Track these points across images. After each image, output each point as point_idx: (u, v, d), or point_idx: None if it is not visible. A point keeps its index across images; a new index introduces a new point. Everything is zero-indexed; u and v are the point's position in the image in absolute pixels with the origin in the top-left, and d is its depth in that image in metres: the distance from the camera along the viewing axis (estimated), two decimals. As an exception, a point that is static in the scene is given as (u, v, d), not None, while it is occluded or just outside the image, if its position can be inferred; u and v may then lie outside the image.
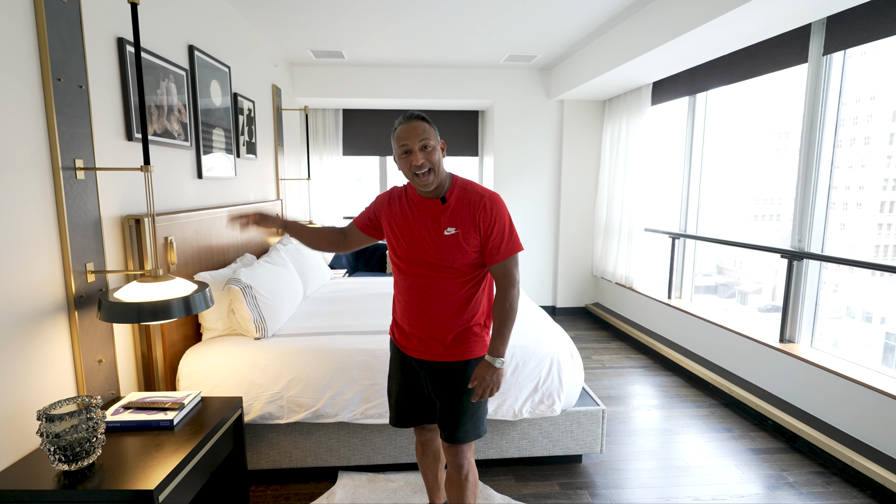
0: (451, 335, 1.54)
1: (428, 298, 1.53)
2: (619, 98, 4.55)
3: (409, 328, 1.59)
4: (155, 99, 2.12)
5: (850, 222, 2.95)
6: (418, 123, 1.45)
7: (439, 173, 1.47)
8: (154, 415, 1.60)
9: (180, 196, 2.36)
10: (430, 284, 1.52)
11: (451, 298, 1.52)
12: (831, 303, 2.99)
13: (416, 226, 1.51)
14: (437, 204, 1.50)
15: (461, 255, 1.48)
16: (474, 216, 1.47)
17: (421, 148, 1.43)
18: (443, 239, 1.47)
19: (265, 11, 3.20)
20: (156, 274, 1.60)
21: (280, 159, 4.06)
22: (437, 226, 1.49)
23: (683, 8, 2.76)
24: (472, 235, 1.48)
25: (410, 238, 1.52)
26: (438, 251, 1.48)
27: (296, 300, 2.73)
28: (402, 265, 1.56)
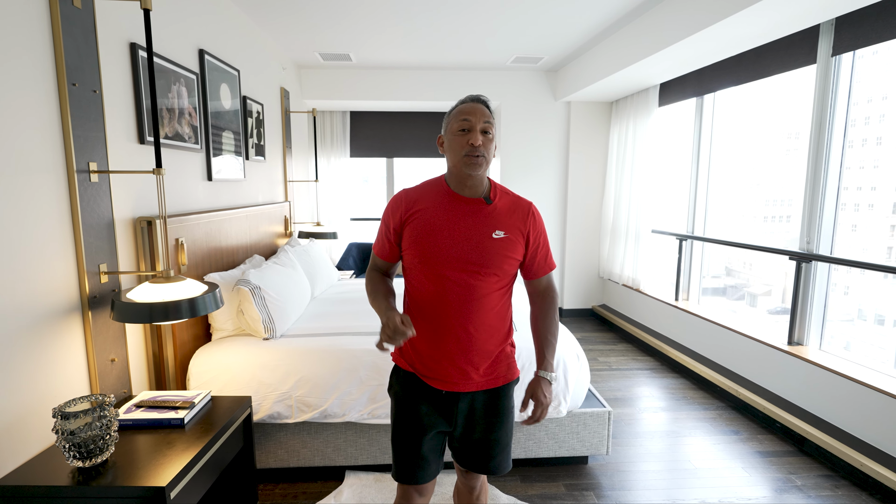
0: (493, 355, 1.37)
1: (469, 311, 1.31)
2: (627, 99, 4.55)
3: (441, 352, 1.33)
4: (166, 102, 2.15)
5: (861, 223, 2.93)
6: (484, 107, 1.32)
7: (488, 165, 1.33)
8: (165, 413, 1.63)
9: (190, 198, 2.40)
10: (471, 294, 1.31)
11: (494, 310, 1.35)
12: (842, 305, 2.96)
13: (457, 224, 1.32)
14: (482, 203, 1.35)
15: (507, 260, 1.33)
16: (524, 223, 1.36)
17: (482, 131, 1.29)
18: (491, 242, 1.31)
19: (274, 15, 3.24)
20: (167, 275, 1.63)
21: (288, 161, 4.09)
22: (483, 227, 1.32)
23: (691, 9, 2.75)
24: (518, 242, 1.35)
25: (444, 240, 1.31)
26: (484, 254, 1.30)
27: (304, 301, 2.76)
28: (435, 271, 1.31)
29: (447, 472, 2.24)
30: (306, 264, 3.18)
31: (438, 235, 1.31)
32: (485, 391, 1.38)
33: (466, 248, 1.30)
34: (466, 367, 1.34)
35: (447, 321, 1.32)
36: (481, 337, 1.33)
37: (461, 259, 1.30)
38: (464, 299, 1.31)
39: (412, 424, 1.38)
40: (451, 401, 1.37)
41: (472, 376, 1.35)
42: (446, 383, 1.35)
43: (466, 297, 1.31)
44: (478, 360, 1.35)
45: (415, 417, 1.38)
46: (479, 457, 1.41)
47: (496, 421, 1.40)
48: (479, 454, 1.41)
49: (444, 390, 1.36)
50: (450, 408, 1.37)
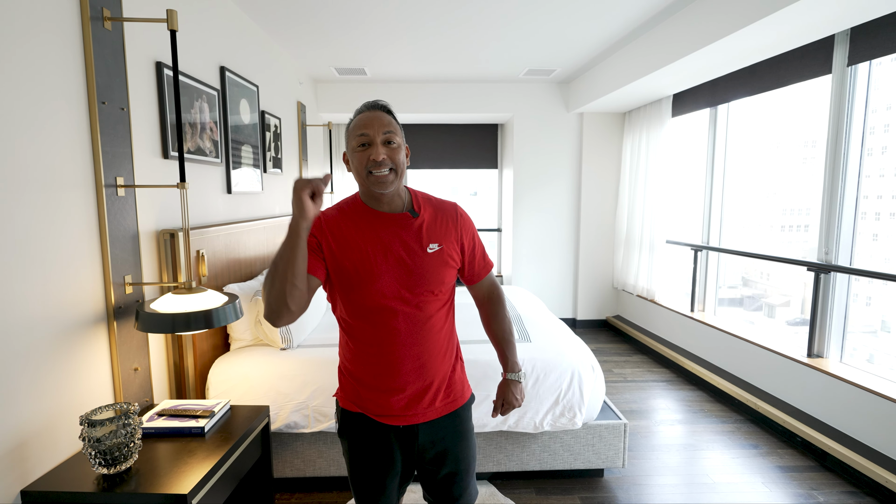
0: (447, 378, 1.28)
1: (417, 338, 1.20)
2: (639, 110, 4.55)
3: (393, 387, 1.21)
4: (189, 118, 2.22)
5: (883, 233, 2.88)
6: (382, 114, 1.18)
7: (401, 176, 1.20)
8: (186, 422, 1.66)
9: (211, 210, 2.46)
10: (416, 319, 1.20)
11: (441, 332, 1.25)
12: (864, 316, 2.91)
13: (389, 245, 1.19)
14: (407, 218, 1.22)
15: (448, 272, 1.23)
16: (455, 228, 1.26)
17: (384, 142, 1.16)
18: (427, 257, 1.20)
19: (292, 32, 3.32)
20: (189, 286, 1.67)
21: (305, 173, 4.16)
22: (415, 243, 1.20)
23: (704, 22, 2.77)
24: (454, 250, 1.26)
25: (384, 262, 1.17)
26: (422, 274, 1.19)
27: (319, 312, 2.79)
28: (373, 302, 1.18)
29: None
30: (322, 275, 3.22)
31: (373, 260, 1.17)
32: (444, 417, 1.27)
33: (403, 271, 1.18)
34: (423, 397, 1.23)
35: (395, 354, 1.20)
36: (434, 363, 1.23)
37: (400, 283, 1.18)
38: (410, 327, 1.20)
39: (372, 469, 1.27)
40: (409, 435, 1.26)
41: (429, 404, 1.24)
42: (403, 417, 1.24)
43: (412, 325, 1.20)
44: (435, 385, 1.24)
45: (373, 461, 1.26)
46: (447, 488, 1.32)
47: (460, 447, 1.30)
48: (446, 485, 1.32)
49: (402, 425, 1.25)
50: (409, 442, 1.26)
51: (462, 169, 5.52)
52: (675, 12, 3.02)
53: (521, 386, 1.37)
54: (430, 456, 1.29)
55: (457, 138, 5.44)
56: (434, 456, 1.29)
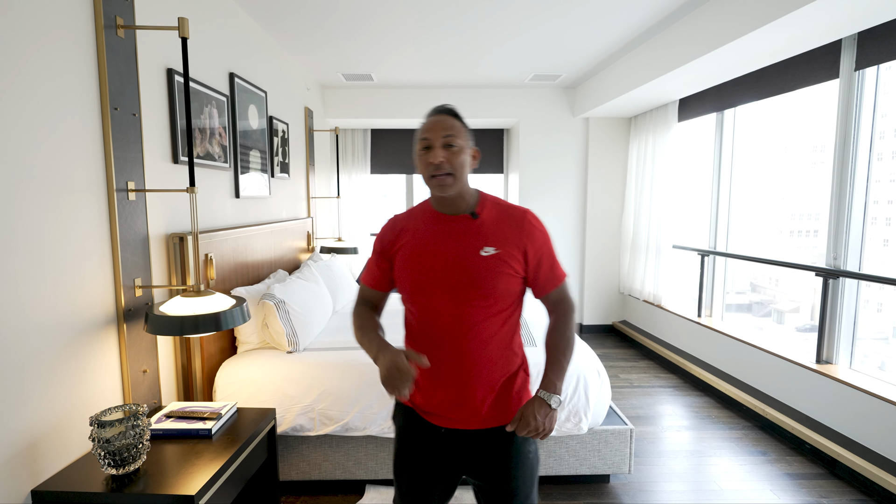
0: (497, 388, 1.21)
1: (464, 340, 1.18)
2: (645, 115, 4.55)
3: (436, 387, 1.22)
4: (198, 123, 2.25)
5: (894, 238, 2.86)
6: (446, 118, 1.20)
7: (461, 179, 1.19)
8: (194, 424, 1.68)
9: (219, 214, 2.48)
10: (464, 322, 1.17)
11: (494, 338, 1.19)
12: (875, 323, 2.88)
13: (438, 248, 1.20)
14: (467, 219, 1.22)
15: (503, 279, 1.17)
16: (518, 235, 1.20)
17: (444, 145, 1.17)
18: (479, 260, 1.17)
19: (300, 38, 3.36)
20: (197, 289, 1.69)
21: (311, 178, 4.20)
22: (469, 245, 1.19)
23: (710, 26, 2.77)
24: (515, 258, 1.19)
25: (431, 265, 1.20)
26: (473, 276, 1.17)
27: (326, 315, 2.81)
28: (423, 299, 1.21)
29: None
30: (328, 279, 3.24)
31: (425, 260, 1.21)
32: (491, 430, 1.22)
33: (453, 272, 1.17)
34: (465, 403, 1.20)
35: (441, 353, 1.19)
36: (481, 369, 1.19)
37: (449, 284, 1.17)
38: (457, 328, 1.18)
39: (411, 462, 1.28)
40: (452, 440, 1.23)
41: (473, 413, 1.20)
42: (446, 420, 1.22)
43: (459, 326, 1.18)
44: (480, 395, 1.20)
45: (414, 455, 1.27)
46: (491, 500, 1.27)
47: (510, 465, 1.23)
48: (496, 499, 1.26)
49: (444, 427, 1.23)
50: (452, 447, 1.24)
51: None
52: (681, 17, 3.02)
53: (548, 410, 1.14)
54: (477, 469, 1.25)
55: (463, 143, 5.45)
56: (480, 470, 1.24)
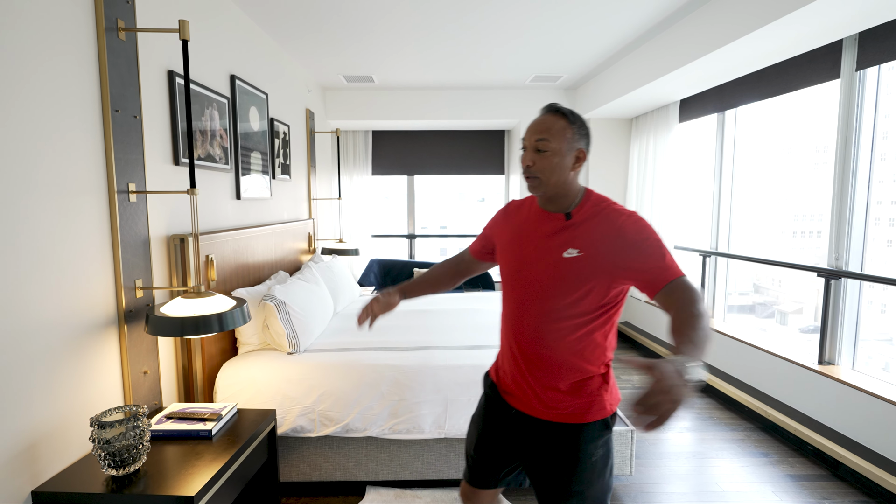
0: (562, 388, 1.23)
1: (530, 335, 1.24)
2: (646, 116, 4.55)
3: (511, 370, 1.31)
4: (199, 125, 2.26)
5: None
6: (547, 118, 1.21)
7: (550, 183, 1.21)
8: (194, 425, 1.68)
9: (220, 216, 2.49)
10: (535, 317, 1.23)
11: (566, 338, 1.21)
12: (879, 324, 2.87)
13: (528, 241, 1.26)
14: (560, 220, 1.23)
15: (581, 284, 1.17)
16: (611, 241, 1.15)
17: (535, 149, 1.20)
18: (561, 262, 1.18)
19: (301, 41, 3.37)
20: (198, 290, 1.70)
21: (312, 180, 4.21)
22: (556, 245, 1.21)
23: (712, 25, 2.77)
24: (600, 263, 1.15)
25: (519, 255, 1.27)
26: (551, 276, 1.19)
27: (326, 316, 2.81)
28: (506, 289, 1.31)
29: (467, 490, 2.23)
30: (329, 280, 3.25)
31: (516, 251, 1.29)
32: (549, 423, 1.25)
33: (536, 268, 1.23)
34: (528, 391, 1.27)
35: (515, 340, 1.28)
36: (549, 365, 1.23)
37: (531, 279, 1.23)
38: (533, 321, 1.23)
39: (475, 424, 1.43)
40: (519, 423, 1.30)
41: (536, 401, 1.26)
42: (516, 401, 1.31)
43: (536, 319, 1.23)
44: (543, 388, 1.24)
45: (485, 425, 1.39)
46: (544, 498, 1.29)
47: (568, 465, 1.24)
48: (544, 497, 1.29)
49: (514, 408, 1.31)
50: (518, 430, 1.31)
51: (469, 175, 5.54)
52: (682, 18, 3.02)
53: (679, 374, 0.84)
54: (533, 461, 1.30)
55: (464, 144, 5.47)
56: (536, 463, 1.29)
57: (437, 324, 2.86)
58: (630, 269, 1.14)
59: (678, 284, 1.10)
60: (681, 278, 1.11)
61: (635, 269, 1.14)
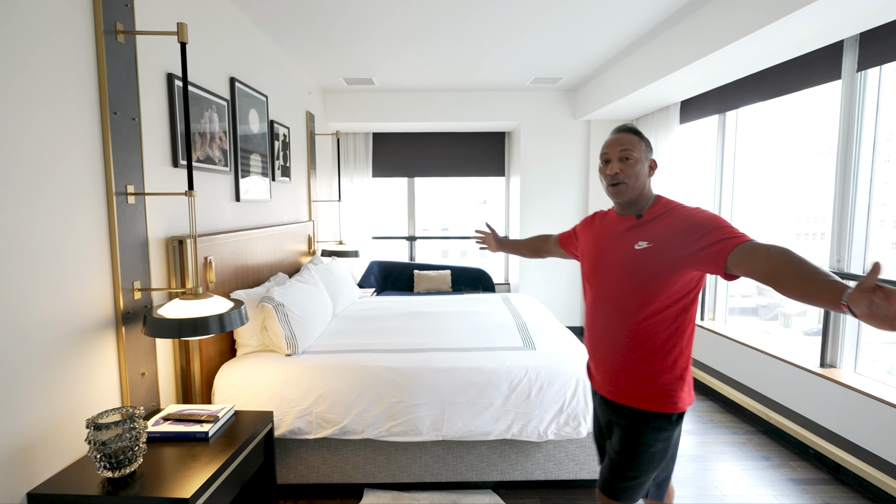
0: (629, 374, 1.36)
1: (605, 324, 1.41)
2: (647, 117, 4.54)
3: (591, 356, 1.52)
4: (198, 128, 2.27)
5: None
6: (625, 135, 1.40)
7: (635, 187, 1.38)
8: (191, 426, 1.68)
9: (219, 218, 2.49)
10: (610, 307, 1.39)
11: (634, 328, 1.33)
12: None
13: (606, 240, 1.45)
14: (633, 220, 1.40)
15: (655, 273, 1.29)
16: (678, 230, 1.27)
17: (621, 158, 1.38)
18: (632, 253, 1.34)
19: (300, 43, 3.38)
20: (196, 292, 1.70)
21: (312, 182, 4.21)
22: (627, 240, 1.37)
23: (712, 26, 2.76)
24: (670, 250, 1.27)
25: (597, 252, 1.46)
26: (624, 267, 1.35)
27: (325, 318, 2.81)
28: (586, 284, 1.52)
29: (466, 493, 2.21)
30: (328, 282, 3.25)
31: (594, 249, 1.49)
32: (616, 405, 1.42)
33: (612, 261, 1.40)
34: (596, 365, 1.49)
35: (594, 326, 1.47)
36: (616, 350, 1.39)
37: (608, 271, 1.42)
38: (609, 309, 1.40)
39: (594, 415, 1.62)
40: (603, 404, 1.49)
41: (599, 377, 1.48)
42: (597, 384, 1.51)
43: (611, 308, 1.39)
44: (610, 370, 1.43)
45: (593, 409, 1.62)
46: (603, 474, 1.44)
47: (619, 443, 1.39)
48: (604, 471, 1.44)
49: (596, 391, 1.53)
50: (603, 411, 1.50)
51: (470, 177, 5.54)
52: (682, 19, 3.02)
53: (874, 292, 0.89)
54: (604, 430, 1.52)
55: (464, 146, 5.47)
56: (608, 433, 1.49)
57: (435, 326, 2.85)
58: (698, 246, 1.22)
59: (753, 244, 1.15)
60: (747, 241, 1.17)
61: (704, 245, 1.21)
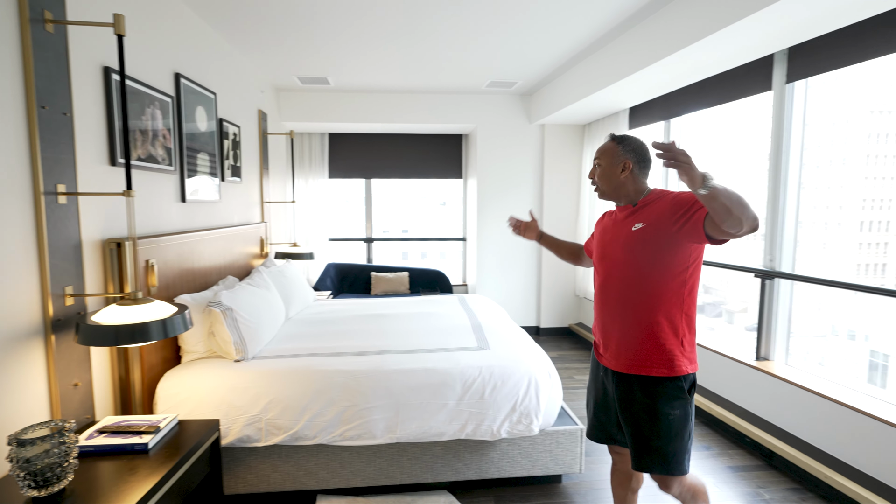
0: (634, 343, 1.55)
1: (613, 300, 1.61)
2: (598, 122, 4.69)
3: (599, 332, 1.69)
4: (139, 125, 2.16)
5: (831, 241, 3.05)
6: (604, 145, 1.68)
7: (608, 186, 1.65)
8: (129, 438, 1.60)
9: (163, 219, 2.39)
10: (616, 284, 1.60)
11: (637, 300, 1.54)
12: (815, 322, 3.06)
13: (610, 229, 1.68)
14: (630, 208, 1.63)
15: (651, 248, 1.50)
16: (666, 207, 1.50)
17: (595, 165, 1.68)
18: (630, 234, 1.56)
19: (252, 40, 3.29)
20: (135, 297, 1.62)
21: (265, 182, 4.10)
22: (626, 225, 1.60)
23: (655, 37, 2.89)
24: (662, 227, 1.49)
25: (604, 239, 1.69)
26: (625, 248, 1.58)
27: (277, 322, 2.74)
28: (596, 267, 1.73)
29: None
30: (281, 285, 3.17)
31: (602, 238, 1.71)
32: (619, 374, 1.59)
33: (615, 244, 1.62)
34: (606, 343, 1.64)
35: (603, 303, 1.66)
36: (623, 322, 1.57)
37: (611, 254, 1.63)
38: (612, 286, 1.62)
39: (589, 388, 1.80)
40: (608, 377, 1.65)
41: (609, 354, 1.63)
42: (603, 358, 1.67)
43: (614, 285, 1.61)
44: (617, 342, 1.59)
45: (590, 384, 1.79)
46: (629, 445, 1.58)
47: (634, 414, 1.54)
48: (629, 443, 1.59)
49: (602, 365, 1.68)
50: (609, 384, 1.65)
51: (427, 178, 5.55)
52: (629, 28, 3.14)
53: (694, 172, 1.33)
54: (618, 410, 1.61)
55: (422, 148, 5.47)
56: (619, 408, 1.60)
57: (391, 328, 2.84)
58: (682, 222, 1.45)
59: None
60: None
61: (685, 219, 1.44)
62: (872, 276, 3.10)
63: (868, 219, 3.06)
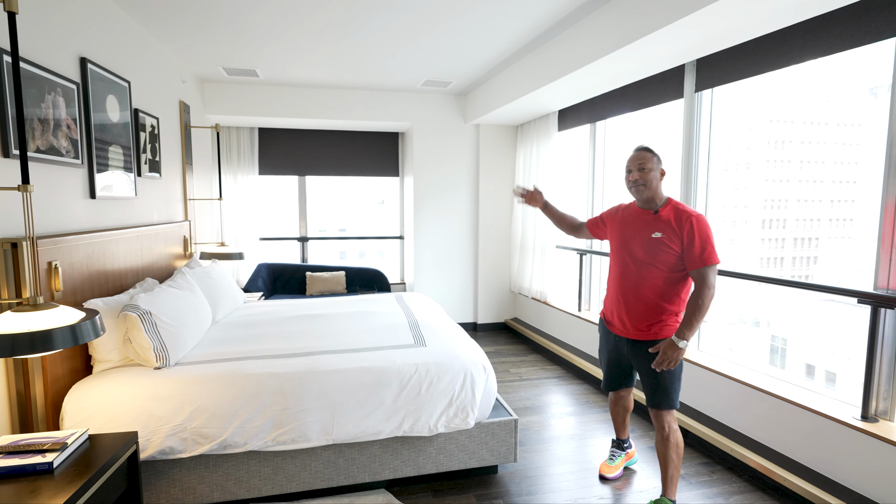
0: (647, 319, 2.02)
1: (631, 287, 2.05)
2: (530, 124, 4.85)
3: (616, 310, 2.14)
4: (38, 113, 1.97)
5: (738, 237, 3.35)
6: (642, 153, 2.04)
7: (650, 189, 2.02)
8: (29, 458, 1.45)
9: (69, 217, 2.19)
10: (634, 275, 2.04)
11: (651, 289, 2.00)
12: (726, 311, 3.37)
13: (629, 227, 2.09)
14: (650, 214, 2.03)
15: (663, 254, 1.96)
16: (679, 228, 1.93)
17: (638, 168, 2.02)
18: (650, 240, 1.99)
19: (170, 26, 3.09)
20: (34, 302, 1.47)
21: (189, 179, 3.86)
22: (646, 230, 2.01)
23: (580, 44, 3.04)
24: (674, 242, 1.94)
25: (625, 235, 2.10)
26: (644, 249, 2.01)
27: (203, 326, 2.60)
28: (614, 257, 2.16)
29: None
30: (207, 287, 3.00)
31: (621, 232, 2.13)
32: (636, 341, 2.08)
33: (635, 243, 2.05)
34: (625, 321, 2.10)
35: (619, 289, 2.12)
36: (638, 305, 2.04)
37: (632, 249, 2.06)
38: (630, 276, 2.06)
39: (601, 352, 2.33)
40: (619, 342, 2.17)
41: (628, 328, 2.09)
42: (615, 328, 2.18)
43: (631, 275, 2.06)
44: (634, 319, 2.06)
45: (602, 348, 2.32)
46: (645, 390, 2.09)
47: (648, 364, 2.03)
48: (644, 388, 2.09)
49: (614, 334, 2.18)
50: (619, 348, 2.18)
51: (364, 176, 5.48)
52: (556, 34, 3.28)
53: (675, 349, 1.90)
54: (633, 362, 2.14)
55: (358, 145, 5.39)
56: (634, 363, 2.13)
57: (325, 328, 2.78)
58: (685, 248, 1.92)
59: (705, 272, 1.90)
60: (709, 266, 1.89)
61: (688, 247, 1.92)
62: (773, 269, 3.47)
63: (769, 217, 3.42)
